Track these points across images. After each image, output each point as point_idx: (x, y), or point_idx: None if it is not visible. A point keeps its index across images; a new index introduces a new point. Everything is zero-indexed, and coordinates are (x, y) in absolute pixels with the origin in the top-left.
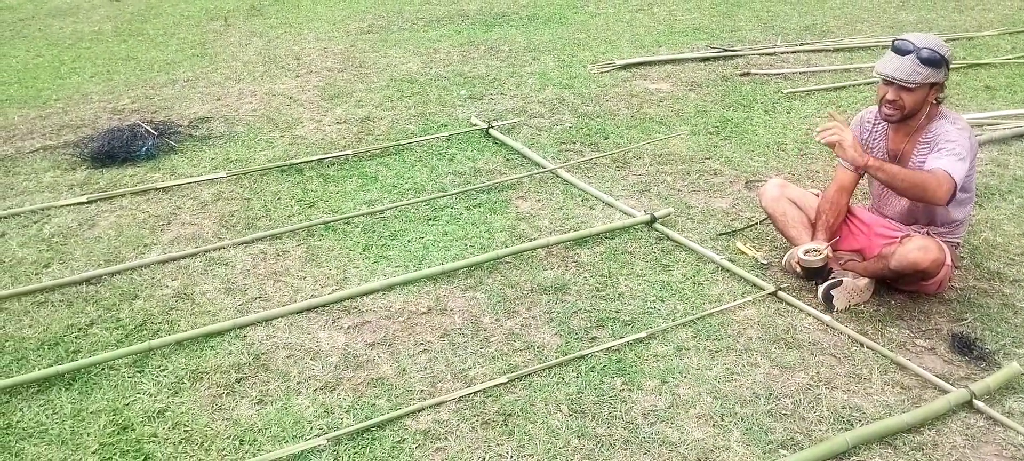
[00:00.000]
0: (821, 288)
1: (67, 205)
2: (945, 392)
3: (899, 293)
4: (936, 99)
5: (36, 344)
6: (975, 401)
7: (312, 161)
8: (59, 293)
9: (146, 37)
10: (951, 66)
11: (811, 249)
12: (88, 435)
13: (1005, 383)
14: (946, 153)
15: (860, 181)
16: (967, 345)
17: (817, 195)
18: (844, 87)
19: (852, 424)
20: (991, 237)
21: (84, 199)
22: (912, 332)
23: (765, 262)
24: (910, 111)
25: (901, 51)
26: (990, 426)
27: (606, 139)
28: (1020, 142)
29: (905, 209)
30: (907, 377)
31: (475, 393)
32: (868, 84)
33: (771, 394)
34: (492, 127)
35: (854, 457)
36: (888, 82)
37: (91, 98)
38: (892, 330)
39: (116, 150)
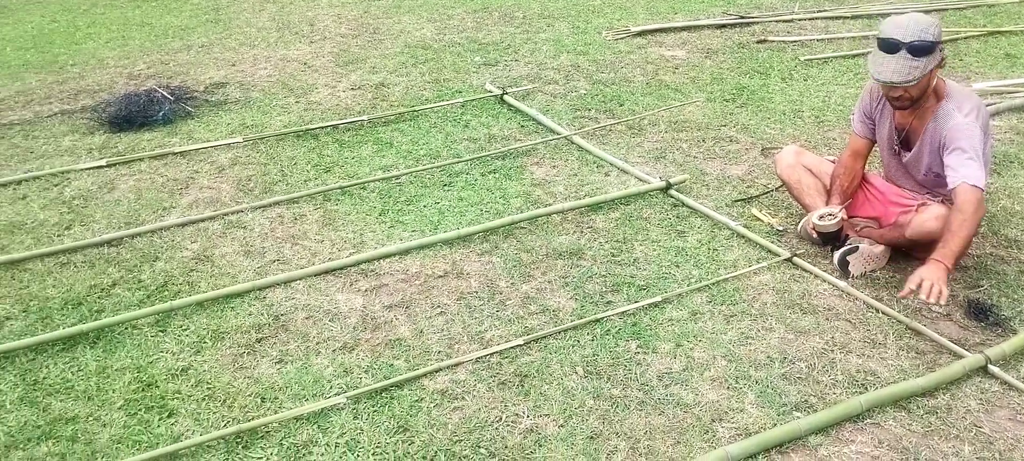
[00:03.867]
0: (837, 254)
1: (86, 169)
2: (960, 357)
3: (915, 260)
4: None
5: (60, 303)
6: (990, 366)
7: (327, 127)
8: (81, 254)
9: (160, 2)
10: (942, 41)
11: (825, 214)
12: (113, 391)
13: (1020, 349)
14: (960, 154)
15: (873, 147)
16: (983, 311)
17: (833, 162)
18: (862, 54)
19: (866, 388)
20: (1009, 205)
21: (103, 163)
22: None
23: (781, 229)
24: (919, 96)
25: (890, 48)
26: (1005, 391)
27: (621, 106)
28: None
29: (917, 183)
30: (922, 342)
31: (491, 354)
32: None
33: (786, 358)
34: (507, 93)
35: (868, 420)
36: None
37: (107, 63)
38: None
39: (133, 115)
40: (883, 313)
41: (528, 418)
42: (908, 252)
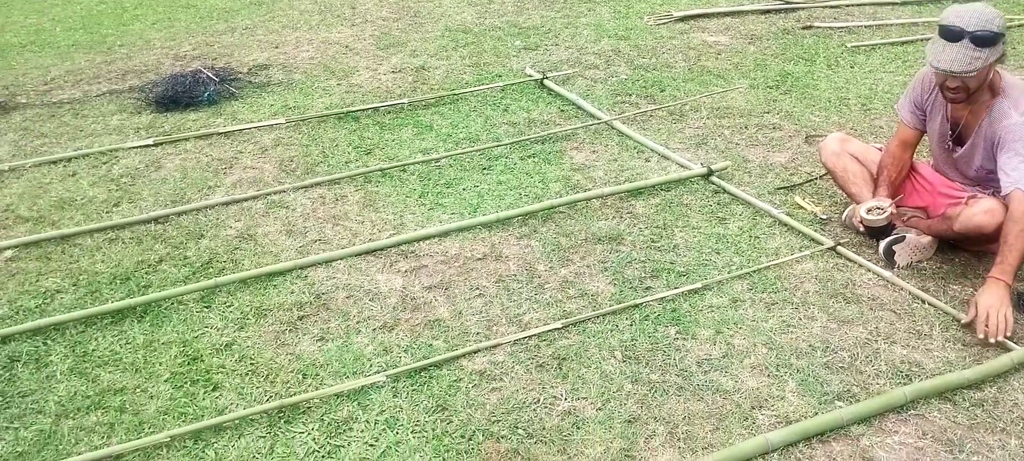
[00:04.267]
0: (883, 244)
1: (134, 147)
2: (1008, 350)
3: (963, 251)
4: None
5: (108, 278)
6: None
7: (368, 109)
8: (129, 231)
9: None
10: (1005, 34)
11: (874, 207)
12: (160, 364)
13: None
14: (1014, 156)
15: (922, 137)
16: None
17: (880, 150)
18: (912, 41)
19: (911, 379)
20: None
21: (150, 142)
22: (975, 290)
23: (824, 217)
24: (976, 89)
25: (952, 36)
26: None
27: (662, 92)
28: None
29: (968, 178)
30: (969, 334)
31: (530, 337)
32: None
33: (828, 347)
34: (547, 78)
35: (912, 411)
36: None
37: (153, 44)
38: (955, 287)
39: (179, 95)
40: (929, 304)
41: (566, 400)
42: (956, 244)
